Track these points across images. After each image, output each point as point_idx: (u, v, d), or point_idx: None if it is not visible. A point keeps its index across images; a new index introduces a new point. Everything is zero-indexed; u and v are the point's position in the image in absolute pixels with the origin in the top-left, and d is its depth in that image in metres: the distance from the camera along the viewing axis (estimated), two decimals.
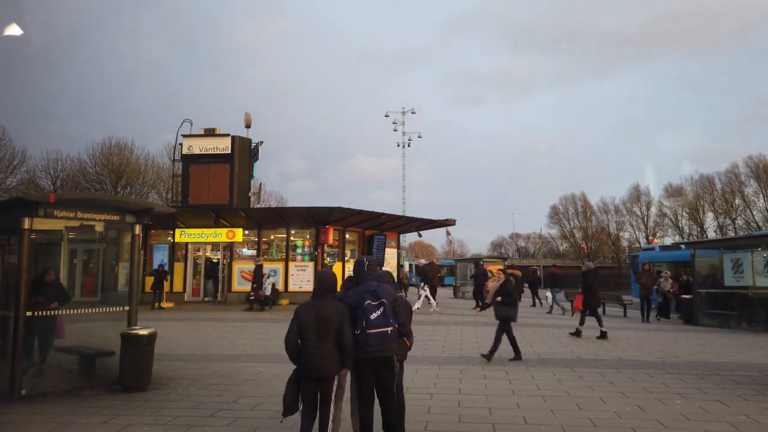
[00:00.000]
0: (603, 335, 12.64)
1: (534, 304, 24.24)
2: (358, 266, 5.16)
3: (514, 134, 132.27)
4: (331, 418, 4.84)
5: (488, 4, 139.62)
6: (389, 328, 4.78)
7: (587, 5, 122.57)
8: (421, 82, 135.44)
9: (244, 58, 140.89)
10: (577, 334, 13.03)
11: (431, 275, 22.04)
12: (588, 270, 13.57)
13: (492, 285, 10.15)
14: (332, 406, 4.89)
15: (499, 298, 9.90)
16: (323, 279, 4.95)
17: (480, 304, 20.92)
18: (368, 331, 4.70)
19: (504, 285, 9.87)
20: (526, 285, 24.47)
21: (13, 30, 7.47)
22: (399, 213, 30.65)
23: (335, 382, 4.92)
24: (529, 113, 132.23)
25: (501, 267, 24.55)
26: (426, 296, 20.73)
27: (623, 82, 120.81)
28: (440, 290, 26.14)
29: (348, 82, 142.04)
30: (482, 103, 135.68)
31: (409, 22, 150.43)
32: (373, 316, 4.72)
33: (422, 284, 22.01)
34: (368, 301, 4.77)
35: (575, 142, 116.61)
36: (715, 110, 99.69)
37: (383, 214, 22.09)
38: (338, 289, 5.12)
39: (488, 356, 9.71)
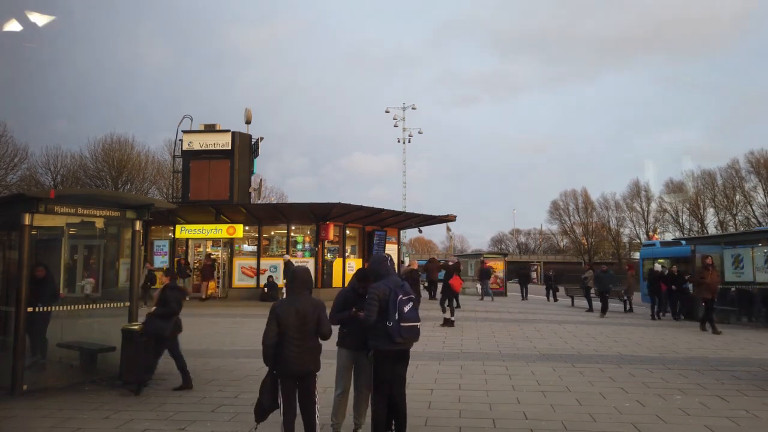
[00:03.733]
0: (449, 323, 13.91)
1: (524, 298, 25.85)
2: (379, 261, 5.18)
3: (513, 131, 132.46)
4: (317, 414, 4.80)
5: (476, 11, 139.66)
6: (419, 323, 4.95)
7: (586, 9, 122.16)
8: (416, 83, 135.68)
9: (242, 59, 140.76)
10: (447, 323, 13.96)
11: (432, 271, 22.65)
12: (453, 263, 16.74)
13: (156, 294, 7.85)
14: (317, 401, 4.84)
15: (153, 308, 7.48)
16: (300, 275, 4.87)
17: None
18: (402, 323, 4.78)
19: (162, 292, 7.47)
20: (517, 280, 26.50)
21: (13, 26, 7.43)
22: (399, 209, 30.65)
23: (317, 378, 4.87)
24: (526, 111, 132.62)
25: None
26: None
27: (624, 82, 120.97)
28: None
29: (344, 83, 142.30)
30: (477, 102, 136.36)
31: (402, 27, 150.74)
32: (406, 309, 4.84)
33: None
34: (401, 296, 4.86)
35: (575, 138, 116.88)
36: (717, 107, 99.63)
37: (384, 209, 22.07)
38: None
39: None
